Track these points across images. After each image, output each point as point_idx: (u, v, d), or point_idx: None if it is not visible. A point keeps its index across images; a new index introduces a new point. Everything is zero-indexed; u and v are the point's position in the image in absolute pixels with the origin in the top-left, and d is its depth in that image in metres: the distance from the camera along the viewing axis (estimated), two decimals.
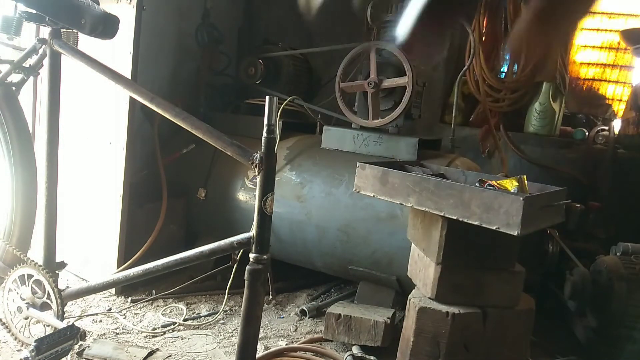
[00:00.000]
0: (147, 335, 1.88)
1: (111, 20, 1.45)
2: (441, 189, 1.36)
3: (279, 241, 2.30)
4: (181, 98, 2.53)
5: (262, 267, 1.13)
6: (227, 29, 2.83)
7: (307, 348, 1.85)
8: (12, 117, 1.64)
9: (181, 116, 1.25)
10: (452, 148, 2.43)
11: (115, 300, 2.14)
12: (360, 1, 2.75)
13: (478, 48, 2.95)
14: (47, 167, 1.50)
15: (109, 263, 2.18)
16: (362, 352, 1.82)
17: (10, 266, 1.57)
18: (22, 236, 1.69)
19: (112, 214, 2.15)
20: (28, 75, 1.63)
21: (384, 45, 2.16)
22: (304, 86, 2.87)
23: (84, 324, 1.92)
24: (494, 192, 1.28)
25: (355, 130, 2.27)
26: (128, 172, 2.13)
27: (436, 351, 1.44)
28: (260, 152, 1.11)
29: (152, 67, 2.48)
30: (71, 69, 1.64)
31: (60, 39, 1.48)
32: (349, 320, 1.85)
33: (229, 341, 1.90)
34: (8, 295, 1.56)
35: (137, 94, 1.32)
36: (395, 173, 1.47)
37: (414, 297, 1.52)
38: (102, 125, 2.18)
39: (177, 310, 2.11)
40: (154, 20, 2.36)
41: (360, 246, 2.11)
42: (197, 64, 2.70)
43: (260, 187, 1.11)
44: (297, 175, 2.28)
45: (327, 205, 2.18)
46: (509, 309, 1.47)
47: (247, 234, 1.15)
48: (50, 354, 1.32)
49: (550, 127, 3.06)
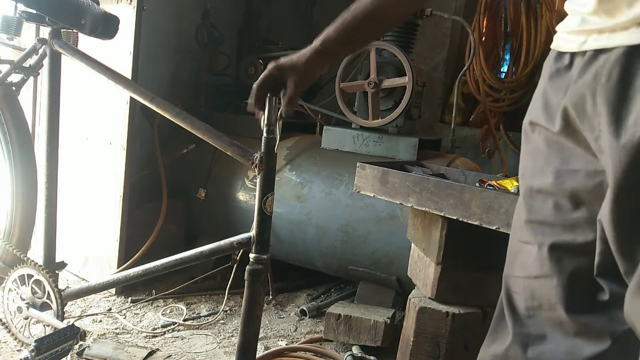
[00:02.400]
0: (147, 335, 1.88)
1: (111, 20, 1.45)
2: (441, 189, 1.36)
3: (279, 241, 2.30)
4: (181, 98, 2.53)
5: (262, 267, 1.13)
6: (227, 29, 2.83)
7: (307, 348, 1.85)
8: (12, 117, 1.64)
9: (181, 116, 1.25)
10: (452, 148, 2.43)
11: (115, 300, 2.14)
12: None
13: (478, 48, 2.95)
14: (47, 167, 1.50)
15: (109, 263, 2.18)
16: (362, 352, 1.82)
17: (10, 266, 1.57)
18: (22, 236, 1.69)
19: (112, 214, 2.15)
20: (28, 75, 1.63)
21: (384, 45, 2.16)
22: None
23: (84, 324, 1.92)
24: (494, 192, 1.28)
25: (355, 130, 2.27)
26: (128, 172, 2.13)
27: (436, 351, 1.44)
28: (260, 152, 1.11)
29: (152, 67, 2.48)
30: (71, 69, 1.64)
31: (60, 39, 1.48)
32: (349, 320, 1.85)
33: (229, 341, 1.90)
34: (8, 295, 1.56)
35: (137, 94, 1.32)
36: (395, 173, 1.47)
37: (414, 297, 1.52)
38: (102, 125, 2.18)
39: (177, 310, 2.11)
40: (154, 20, 2.35)
41: (360, 246, 2.11)
42: (197, 64, 2.70)
43: (260, 187, 1.11)
44: (297, 175, 2.28)
45: (327, 205, 2.18)
46: None
47: (247, 234, 1.15)
48: (50, 354, 1.31)
49: None
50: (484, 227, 1.28)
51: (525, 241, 0.80)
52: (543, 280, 0.76)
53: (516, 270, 0.83)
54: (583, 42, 0.68)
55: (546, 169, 0.74)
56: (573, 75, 0.69)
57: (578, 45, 0.68)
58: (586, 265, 0.70)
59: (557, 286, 0.74)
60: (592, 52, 0.66)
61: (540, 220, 0.76)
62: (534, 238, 0.77)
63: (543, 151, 0.75)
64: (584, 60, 0.67)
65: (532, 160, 0.79)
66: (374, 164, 1.55)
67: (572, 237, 0.72)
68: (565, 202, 0.72)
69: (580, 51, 0.68)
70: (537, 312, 0.78)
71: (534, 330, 0.78)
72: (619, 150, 0.60)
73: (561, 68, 0.72)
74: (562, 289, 0.74)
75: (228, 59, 2.81)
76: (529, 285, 0.79)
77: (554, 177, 0.73)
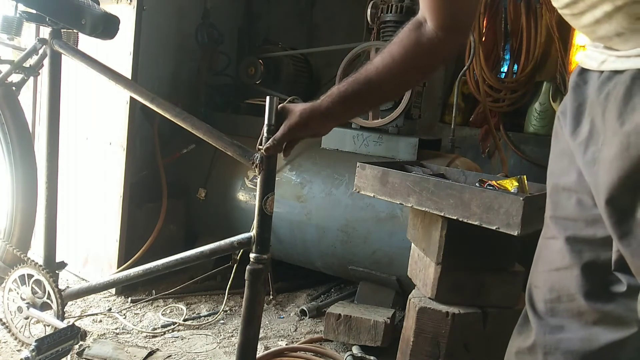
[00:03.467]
0: (147, 335, 1.88)
1: (111, 20, 1.45)
2: (441, 189, 1.36)
3: (279, 241, 2.30)
4: (181, 98, 2.53)
5: (262, 267, 1.13)
6: (227, 29, 2.83)
7: (307, 348, 1.85)
8: (12, 117, 1.64)
9: (181, 116, 1.25)
10: (452, 148, 2.43)
11: (115, 300, 2.14)
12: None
13: (478, 48, 2.95)
14: (47, 167, 1.50)
15: (109, 263, 2.18)
16: (362, 352, 1.82)
17: (10, 266, 1.57)
18: (22, 236, 1.69)
19: (112, 214, 2.15)
20: (28, 75, 1.63)
21: (384, 45, 2.16)
22: (304, 86, 2.87)
23: (84, 324, 1.92)
24: (494, 192, 1.28)
25: (355, 130, 2.27)
26: (128, 172, 2.13)
27: (436, 351, 1.44)
28: (261, 152, 1.11)
29: (152, 67, 2.48)
30: (71, 69, 1.64)
31: (60, 39, 1.48)
32: (349, 320, 1.85)
33: (229, 341, 1.90)
34: (8, 295, 1.56)
35: (137, 94, 1.32)
36: (395, 173, 1.47)
37: (414, 297, 1.52)
38: (102, 125, 2.18)
39: (177, 310, 2.11)
40: (154, 20, 2.35)
41: (360, 246, 2.11)
42: (197, 64, 2.69)
43: (261, 187, 1.11)
44: (297, 175, 2.28)
45: (327, 205, 2.18)
46: (509, 309, 1.47)
47: (248, 234, 1.15)
48: (50, 354, 1.31)
49: (550, 127, 3.02)
50: (484, 227, 1.28)
51: (549, 237, 0.84)
52: (564, 271, 0.79)
53: (539, 265, 0.86)
54: (603, 62, 0.71)
55: (571, 168, 0.78)
56: (590, 92, 0.72)
57: (598, 64, 0.71)
58: (605, 258, 0.74)
59: (577, 276, 0.77)
60: (608, 73, 0.69)
61: (564, 216, 0.80)
62: (557, 232, 0.81)
63: (568, 152, 0.78)
64: (601, 80, 0.70)
65: (559, 160, 0.83)
66: (374, 164, 1.55)
67: (592, 232, 0.75)
68: (587, 198, 0.75)
69: (598, 70, 0.71)
70: (555, 305, 0.81)
71: (552, 323, 0.81)
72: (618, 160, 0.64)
73: (581, 83, 0.76)
74: (582, 279, 0.77)
75: (228, 59, 2.81)
76: (549, 278, 0.82)
77: (577, 175, 0.76)
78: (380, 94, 1.07)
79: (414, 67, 0.99)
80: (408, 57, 0.97)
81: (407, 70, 0.99)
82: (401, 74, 0.99)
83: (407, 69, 0.98)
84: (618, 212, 0.66)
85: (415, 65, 0.99)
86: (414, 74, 1.02)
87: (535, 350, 0.83)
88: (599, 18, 0.68)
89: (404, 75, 1.01)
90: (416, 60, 0.98)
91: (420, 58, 0.98)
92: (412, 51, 0.96)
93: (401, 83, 1.04)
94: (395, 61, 0.97)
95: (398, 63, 0.97)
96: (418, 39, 0.95)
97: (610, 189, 0.65)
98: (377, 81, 1.00)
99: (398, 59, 0.97)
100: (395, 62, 0.97)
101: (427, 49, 0.96)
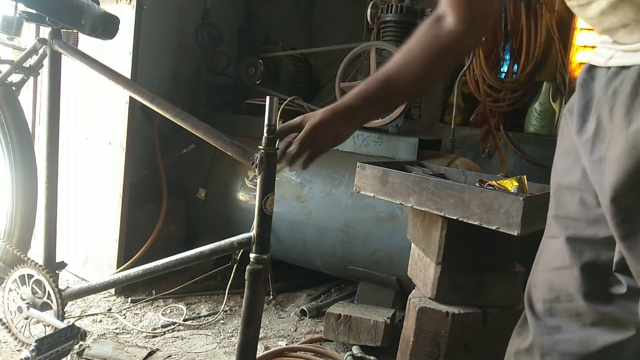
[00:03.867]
0: (147, 335, 1.88)
1: (111, 20, 1.45)
2: (441, 189, 1.36)
3: (279, 241, 2.30)
4: (181, 98, 2.53)
5: (262, 267, 1.13)
6: (227, 29, 2.83)
7: (307, 348, 1.85)
8: (12, 117, 1.64)
9: (181, 116, 1.25)
10: (452, 148, 2.43)
11: (115, 300, 2.14)
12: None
13: (478, 48, 2.94)
14: (47, 167, 1.50)
15: (109, 263, 2.18)
16: (362, 352, 1.82)
17: (10, 266, 1.57)
18: (22, 236, 1.69)
19: (112, 214, 2.15)
20: (28, 75, 1.63)
21: (384, 45, 2.16)
22: (304, 86, 2.87)
23: (84, 324, 1.92)
24: (494, 192, 1.28)
25: None
26: (128, 172, 2.13)
27: (436, 351, 1.44)
28: (261, 152, 1.11)
29: (152, 67, 2.48)
30: (71, 69, 1.64)
31: (60, 39, 1.48)
32: (349, 320, 1.85)
33: (229, 341, 1.90)
34: (8, 295, 1.56)
35: (137, 94, 1.32)
36: (395, 173, 1.47)
37: (414, 297, 1.52)
38: (102, 125, 2.18)
39: (177, 310, 2.11)
40: (154, 20, 2.35)
41: (360, 246, 2.11)
42: (197, 64, 2.69)
43: (261, 187, 1.11)
44: (297, 175, 2.28)
45: (327, 205, 2.18)
46: (509, 309, 1.47)
47: (248, 234, 1.15)
48: (50, 354, 1.31)
49: (550, 127, 3.06)
50: (484, 227, 1.28)
51: (550, 236, 0.83)
52: (563, 271, 0.79)
53: (539, 265, 0.86)
54: (610, 57, 0.70)
55: (575, 167, 0.77)
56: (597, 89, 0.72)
57: (605, 60, 0.71)
58: (606, 258, 0.73)
59: (577, 276, 0.76)
60: (615, 69, 0.68)
61: (566, 215, 0.79)
62: (558, 231, 0.80)
63: (574, 150, 0.78)
64: (608, 76, 0.69)
65: (564, 158, 0.82)
66: (374, 164, 1.55)
67: (594, 232, 0.75)
68: (590, 198, 0.75)
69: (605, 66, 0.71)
70: (554, 305, 0.80)
71: (550, 323, 0.81)
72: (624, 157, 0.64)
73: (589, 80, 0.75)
74: (582, 279, 0.76)
75: (228, 59, 2.81)
76: (548, 278, 0.82)
77: (582, 174, 0.76)
78: (400, 91, 1.03)
79: (433, 62, 0.96)
80: (427, 52, 0.94)
81: (425, 66, 0.96)
82: (420, 70, 0.96)
83: (426, 64, 0.96)
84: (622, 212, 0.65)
85: (434, 61, 0.96)
86: (433, 70, 0.99)
87: (533, 351, 0.82)
88: (604, 9, 0.67)
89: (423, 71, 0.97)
90: (435, 55, 0.95)
91: (439, 53, 0.95)
92: (431, 46, 0.94)
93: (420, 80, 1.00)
94: (414, 56, 0.95)
95: (416, 58, 0.95)
96: (438, 33, 0.93)
97: (615, 188, 0.65)
98: (396, 78, 0.97)
99: (417, 54, 0.95)
100: (413, 57, 0.95)
101: (446, 44, 0.93)
